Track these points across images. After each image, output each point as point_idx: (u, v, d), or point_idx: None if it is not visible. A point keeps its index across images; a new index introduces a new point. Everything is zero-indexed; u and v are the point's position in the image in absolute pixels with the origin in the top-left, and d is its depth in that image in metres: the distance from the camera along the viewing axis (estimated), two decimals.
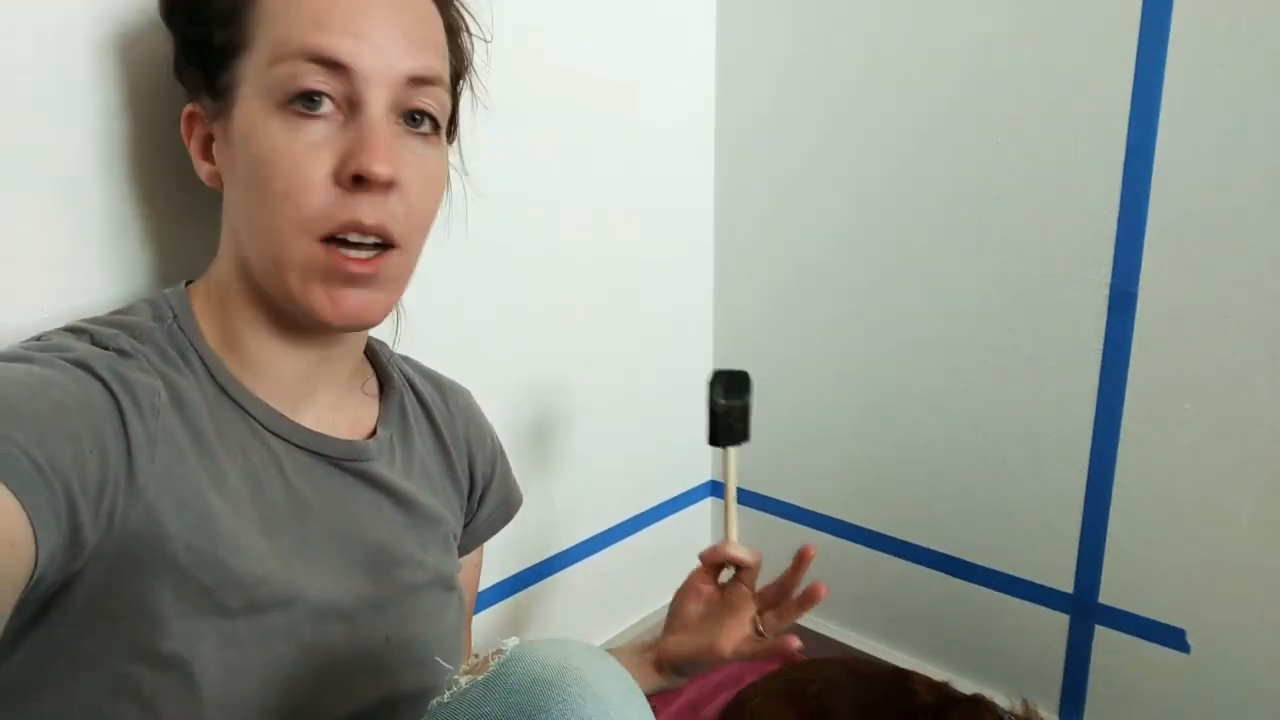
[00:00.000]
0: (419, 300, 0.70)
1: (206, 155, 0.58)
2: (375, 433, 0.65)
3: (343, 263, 0.53)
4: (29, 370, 0.47)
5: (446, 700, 0.45)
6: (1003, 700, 1.06)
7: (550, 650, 0.45)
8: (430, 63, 0.55)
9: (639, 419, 1.23)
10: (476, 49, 0.65)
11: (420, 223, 0.57)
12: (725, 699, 1.12)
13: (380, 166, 0.51)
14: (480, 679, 0.44)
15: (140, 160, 0.66)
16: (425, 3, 0.57)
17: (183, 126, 0.59)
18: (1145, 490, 0.99)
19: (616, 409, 1.19)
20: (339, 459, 0.61)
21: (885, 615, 1.25)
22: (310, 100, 0.52)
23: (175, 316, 0.56)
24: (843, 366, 1.22)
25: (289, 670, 0.53)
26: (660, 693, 0.85)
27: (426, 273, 0.61)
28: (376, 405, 0.67)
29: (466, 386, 0.78)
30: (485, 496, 0.76)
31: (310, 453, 0.59)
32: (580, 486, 1.16)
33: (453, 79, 0.61)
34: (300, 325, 0.58)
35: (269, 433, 0.57)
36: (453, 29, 0.60)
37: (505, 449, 0.80)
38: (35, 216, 0.61)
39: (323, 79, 0.51)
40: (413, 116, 0.55)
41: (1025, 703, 1.05)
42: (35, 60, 0.60)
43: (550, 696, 0.42)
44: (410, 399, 0.70)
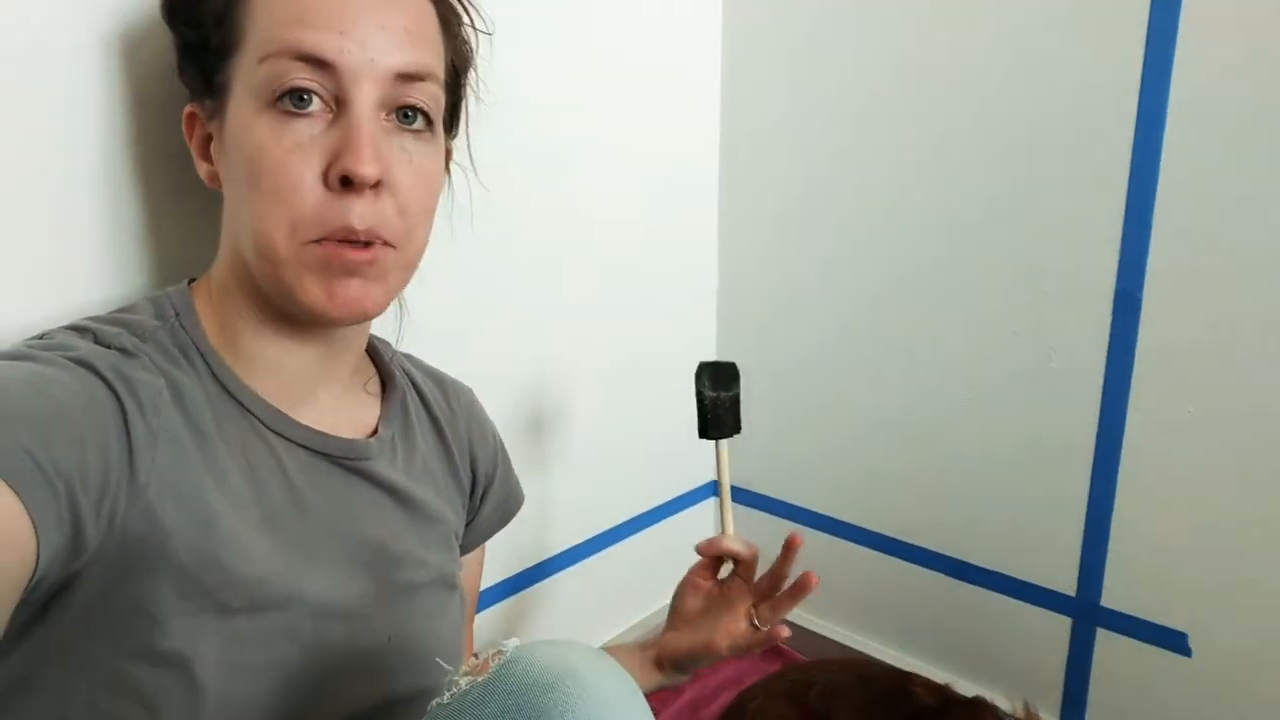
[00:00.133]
0: (421, 297, 0.70)
1: (205, 155, 0.58)
2: (377, 431, 0.65)
3: (337, 252, 0.52)
4: (32, 369, 0.47)
5: (446, 701, 0.45)
6: (1004, 703, 1.05)
7: (550, 651, 0.45)
8: (419, 57, 0.54)
9: (641, 419, 1.23)
10: (480, 43, 0.64)
11: (415, 221, 0.56)
12: (726, 699, 1.12)
13: (366, 168, 0.51)
14: (480, 680, 0.44)
15: (143, 160, 0.66)
16: None
17: (184, 127, 0.59)
18: (1148, 494, 0.99)
19: (619, 408, 1.19)
20: (340, 457, 0.61)
21: (887, 617, 1.25)
22: (298, 99, 0.51)
23: (177, 315, 0.56)
24: (845, 368, 1.21)
25: (290, 670, 0.53)
26: (661, 690, 0.85)
27: (429, 270, 0.61)
28: (378, 404, 0.67)
29: (468, 385, 0.78)
30: (487, 495, 0.76)
31: (311, 451, 0.59)
32: (582, 486, 1.16)
33: (453, 73, 0.61)
34: (300, 323, 0.58)
35: (270, 431, 0.57)
36: (449, 22, 0.59)
37: (507, 448, 0.80)
38: (38, 216, 0.62)
39: (309, 77, 0.51)
40: (404, 113, 0.54)
41: (1026, 705, 1.04)
42: (39, 60, 0.60)
43: (550, 698, 0.42)
44: (412, 397, 0.70)
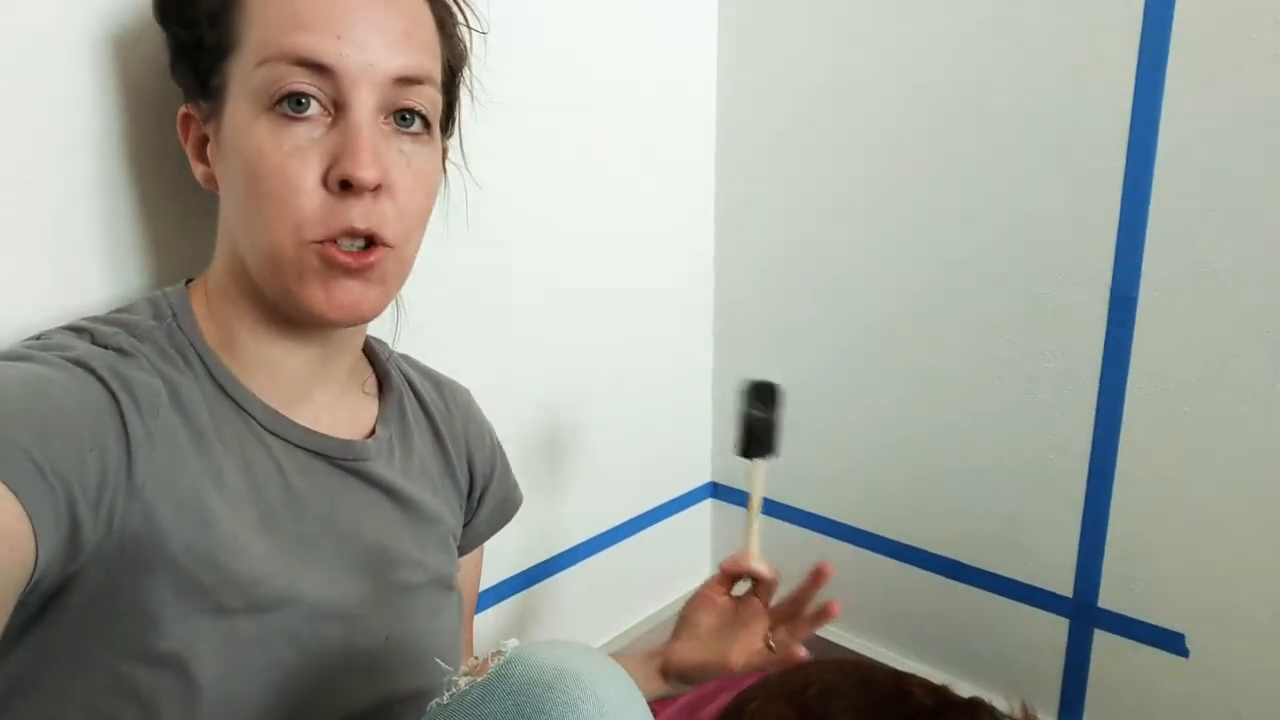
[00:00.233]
0: (417, 296, 0.70)
1: (201, 157, 0.58)
2: (374, 432, 0.65)
3: (336, 256, 0.52)
4: (29, 369, 0.47)
5: (446, 701, 0.45)
6: (1002, 704, 1.06)
7: (549, 652, 0.45)
8: (418, 61, 0.54)
9: (639, 420, 1.23)
10: (475, 42, 0.64)
11: (413, 222, 0.56)
12: (724, 700, 1.12)
13: (366, 172, 0.51)
14: (479, 680, 0.44)
15: (139, 160, 0.65)
16: None
17: (179, 128, 0.59)
18: (1145, 494, 0.99)
19: (616, 410, 1.19)
20: (337, 458, 0.61)
21: (885, 618, 1.25)
22: (296, 103, 0.51)
23: (175, 315, 0.56)
24: (841, 370, 1.21)
25: (288, 670, 0.53)
26: (663, 699, 0.85)
27: (425, 270, 0.61)
28: (375, 404, 0.67)
29: (465, 385, 0.78)
30: (485, 496, 0.76)
31: (309, 452, 0.59)
32: (580, 487, 1.16)
33: (449, 73, 0.61)
34: (298, 324, 0.58)
35: (267, 432, 0.57)
36: (445, 23, 0.59)
37: (504, 448, 0.80)
38: (35, 217, 0.61)
39: (307, 81, 0.51)
40: (402, 116, 0.55)
41: (1024, 706, 1.05)
42: (34, 61, 0.60)
43: (549, 698, 0.42)
44: (409, 398, 0.70)
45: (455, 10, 0.61)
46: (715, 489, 1.40)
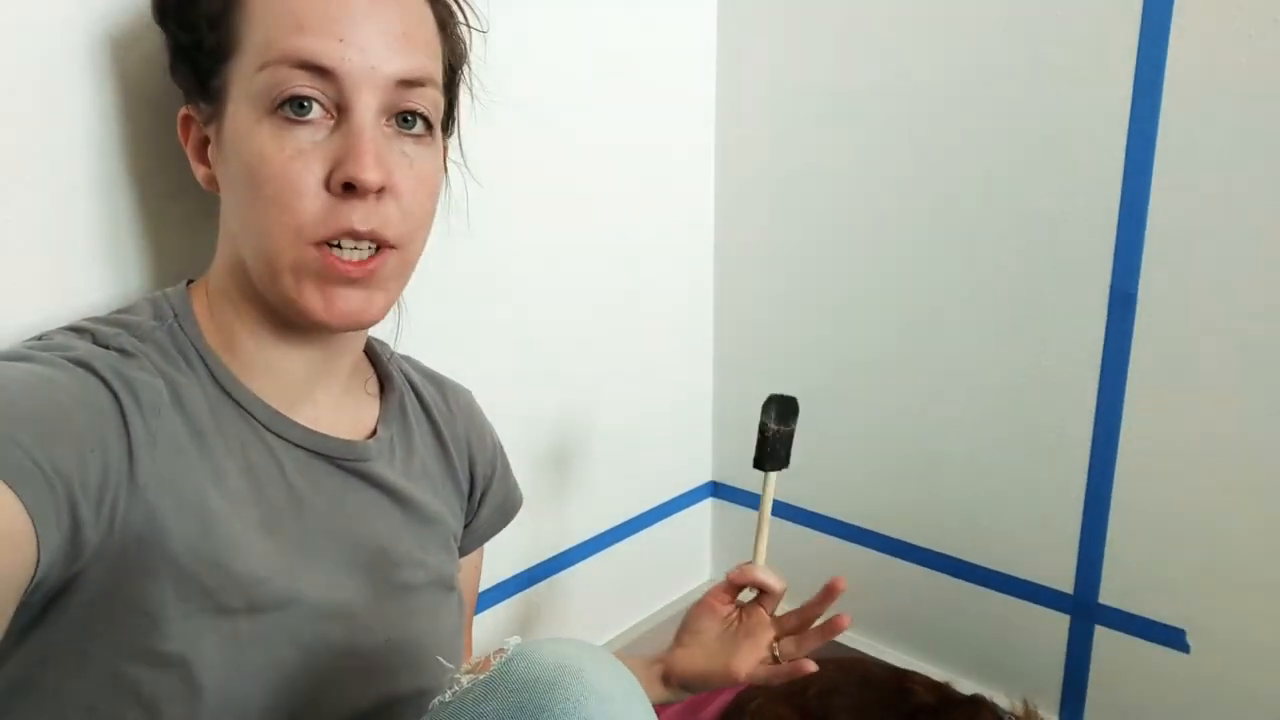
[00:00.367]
0: (419, 298, 0.70)
1: (202, 158, 0.58)
2: (375, 432, 0.65)
3: (337, 264, 0.53)
4: (31, 370, 0.47)
5: (448, 699, 0.45)
6: (1003, 701, 1.06)
7: (551, 649, 0.45)
8: (420, 63, 0.54)
9: (639, 419, 1.23)
10: (475, 41, 0.64)
11: (417, 224, 0.56)
12: (725, 700, 1.12)
13: (369, 174, 0.51)
14: (482, 678, 0.44)
15: (139, 161, 0.66)
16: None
17: (179, 129, 0.59)
18: (1145, 491, 0.99)
19: (617, 408, 1.19)
20: (339, 459, 0.61)
21: (885, 616, 1.25)
22: (298, 106, 0.51)
23: (176, 316, 0.56)
24: (840, 369, 1.21)
25: (289, 670, 0.53)
26: (663, 705, 0.84)
27: (427, 270, 0.61)
28: (377, 405, 0.67)
29: (466, 386, 0.78)
30: (485, 497, 0.76)
31: (310, 452, 0.59)
32: (581, 486, 1.16)
33: (449, 72, 0.61)
34: (298, 325, 0.57)
35: (269, 432, 0.57)
36: (445, 23, 0.59)
37: (504, 449, 0.80)
38: (35, 217, 0.61)
39: (309, 84, 0.51)
40: (404, 118, 0.55)
41: (1025, 703, 1.05)
42: (34, 61, 0.60)
43: (552, 695, 0.42)
44: (411, 399, 0.70)
45: (455, 9, 0.61)
46: (716, 488, 1.40)
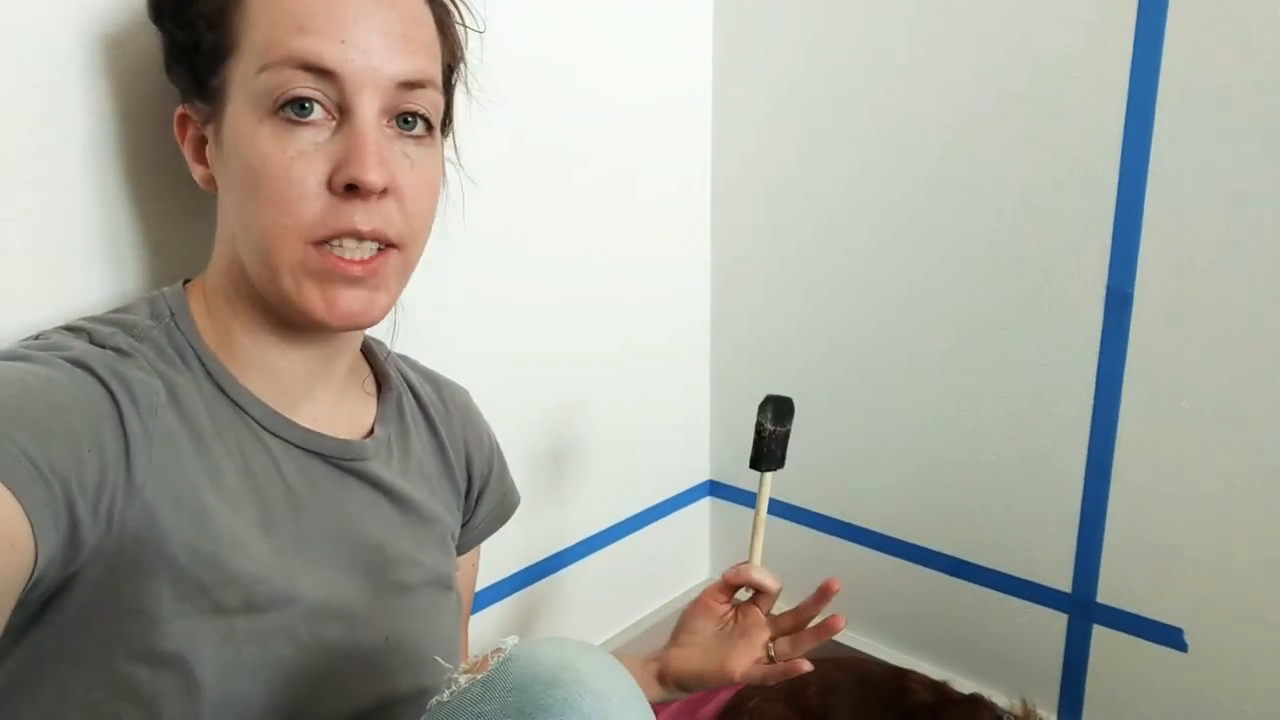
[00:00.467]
0: (416, 297, 0.69)
1: (200, 158, 0.58)
2: (373, 432, 0.65)
3: (338, 264, 0.53)
4: (28, 369, 0.47)
5: (446, 699, 0.45)
6: (1001, 699, 1.06)
7: (550, 649, 0.45)
8: (420, 64, 0.54)
9: (638, 418, 1.23)
10: (471, 41, 0.64)
11: (418, 224, 0.57)
12: (724, 699, 1.12)
13: (373, 175, 0.51)
14: (480, 678, 0.44)
15: (135, 160, 0.65)
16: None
17: (175, 128, 0.58)
18: (1143, 490, 0.99)
19: (615, 407, 1.19)
20: (336, 458, 0.61)
21: (884, 615, 1.25)
22: (300, 107, 0.51)
23: (173, 315, 0.56)
24: (837, 368, 1.22)
25: (287, 670, 0.53)
26: (660, 704, 0.84)
27: (424, 269, 0.61)
28: (374, 404, 0.67)
29: (463, 385, 0.77)
30: (483, 496, 0.76)
31: (307, 452, 0.59)
32: (579, 485, 1.16)
33: (446, 71, 0.60)
34: (297, 325, 0.57)
35: (266, 431, 0.57)
36: (444, 23, 0.59)
37: (502, 448, 0.80)
38: (32, 217, 0.61)
39: (312, 85, 0.51)
40: (405, 119, 0.55)
41: (1024, 702, 1.05)
42: (31, 61, 0.60)
43: (550, 694, 0.42)
44: (408, 398, 0.70)
45: (451, 8, 0.61)
46: (714, 487, 1.40)
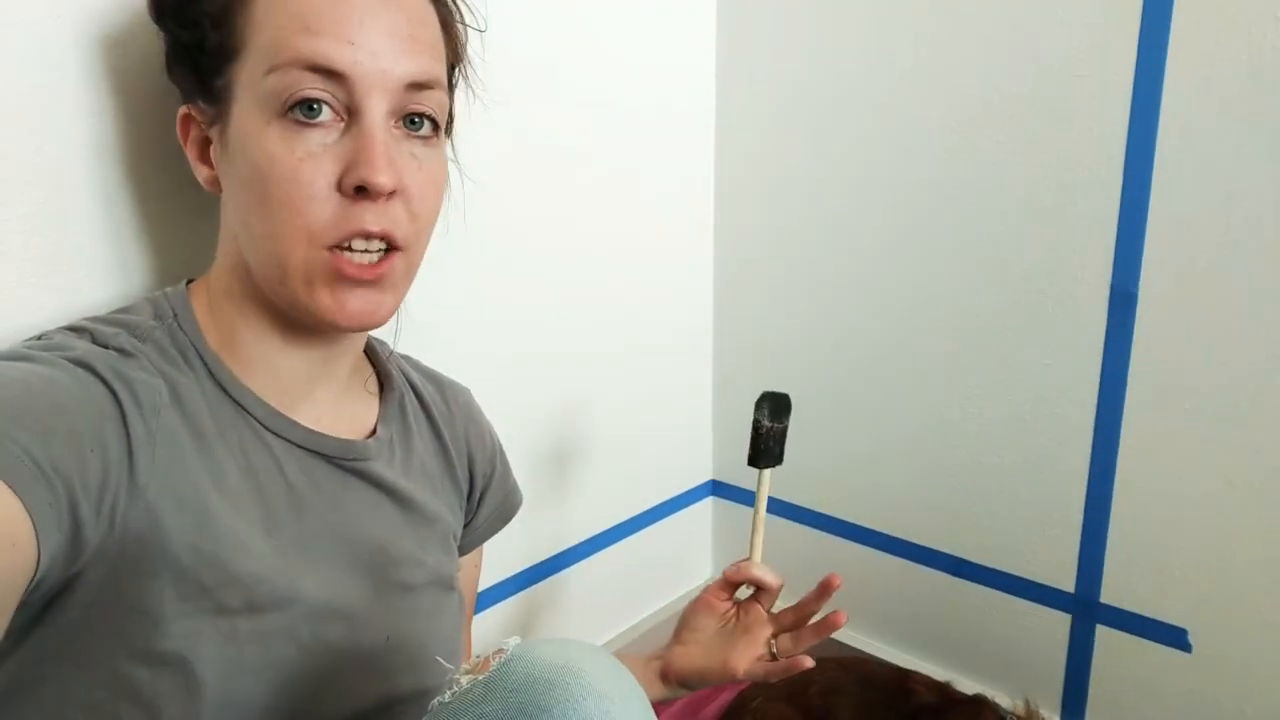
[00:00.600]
0: (418, 297, 0.69)
1: (204, 159, 0.58)
2: (375, 432, 0.65)
3: (347, 267, 0.53)
4: (30, 369, 0.47)
5: (448, 700, 0.45)
6: (1004, 700, 1.06)
7: (552, 649, 0.45)
8: (427, 65, 0.54)
9: (640, 418, 1.23)
10: (471, 39, 0.64)
11: (424, 225, 0.57)
12: (726, 699, 1.12)
13: (382, 177, 0.51)
14: (481, 678, 0.44)
15: (136, 160, 0.65)
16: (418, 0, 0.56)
17: (178, 129, 0.58)
18: (1146, 490, 0.99)
19: (617, 407, 1.19)
20: (338, 458, 0.61)
21: (886, 615, 1.25)
22: (308, 109, 0.51)
23: (175, 315, 0.56)
24: (840, 367, 1.21)
25: (289, 670, 0.53)
26: (662, 703, 0.84)
27: (426, 268, 0.61)
28: (376, 404, 0.67)
29: (466, 385, 0.77)
30: (485, 497, 0.76)
31: (309, 452, 0.59)
32: (581, 485, 1.16)
33: (449, 71, 0.61)
34: (301, 326, 0.57)
35: (268, 431, 0.57)
36: (448, 23, 0.59)
37: (504, 448, 0.80)
38: (33, 217, 0.61)
39: (320, 87, 0.51)
40: (412, 120, 0.55)
41: (1027, 702, 1.05)
42: (32, 61, 0.60)
43: (552, 695, 0.42)
44: (410, 398, 0.70)
45: (454, 8, 0.61)
46: (716, 487, 1.40)
